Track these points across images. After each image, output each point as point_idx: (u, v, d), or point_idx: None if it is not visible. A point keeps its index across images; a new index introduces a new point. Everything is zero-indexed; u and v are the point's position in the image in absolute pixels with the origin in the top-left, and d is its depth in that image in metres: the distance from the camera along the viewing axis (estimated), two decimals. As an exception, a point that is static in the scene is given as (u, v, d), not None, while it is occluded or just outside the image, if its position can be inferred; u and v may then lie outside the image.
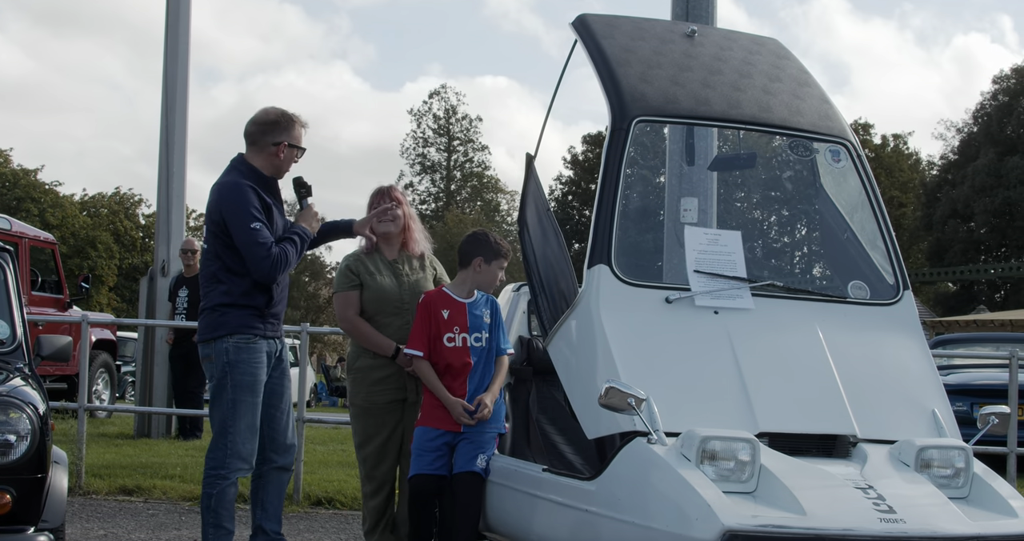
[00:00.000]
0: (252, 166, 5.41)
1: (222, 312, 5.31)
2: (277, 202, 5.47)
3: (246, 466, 5.31)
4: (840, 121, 5.40)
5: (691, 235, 5.02)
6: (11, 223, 13.38)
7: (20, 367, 5.33)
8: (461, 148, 67.34)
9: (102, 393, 14.95)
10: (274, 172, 5.45)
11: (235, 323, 5.29)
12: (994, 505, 4.30)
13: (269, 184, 5.42)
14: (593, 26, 5.34)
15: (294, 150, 5.45)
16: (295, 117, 5.48)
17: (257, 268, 5.22)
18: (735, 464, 4.12)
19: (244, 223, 5.20)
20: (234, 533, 5.39)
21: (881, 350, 4.88)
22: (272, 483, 5.52)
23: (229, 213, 5.25)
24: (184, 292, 12.24)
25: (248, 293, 5.31)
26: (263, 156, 5.41)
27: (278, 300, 5.43)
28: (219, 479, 5.28)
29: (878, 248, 5.21)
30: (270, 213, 5.33)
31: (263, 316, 5.35)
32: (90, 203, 51.21)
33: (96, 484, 8.54)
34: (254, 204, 5.25)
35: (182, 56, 12.83)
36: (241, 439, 5.27)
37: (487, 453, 5.31)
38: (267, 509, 5.51)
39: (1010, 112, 50.25)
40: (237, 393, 5.27)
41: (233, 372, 5.28)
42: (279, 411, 5.51)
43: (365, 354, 5.70)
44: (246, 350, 5.29)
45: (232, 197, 5.27)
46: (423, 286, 5.77)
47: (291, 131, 5.43)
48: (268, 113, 5.47)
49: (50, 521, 4.74)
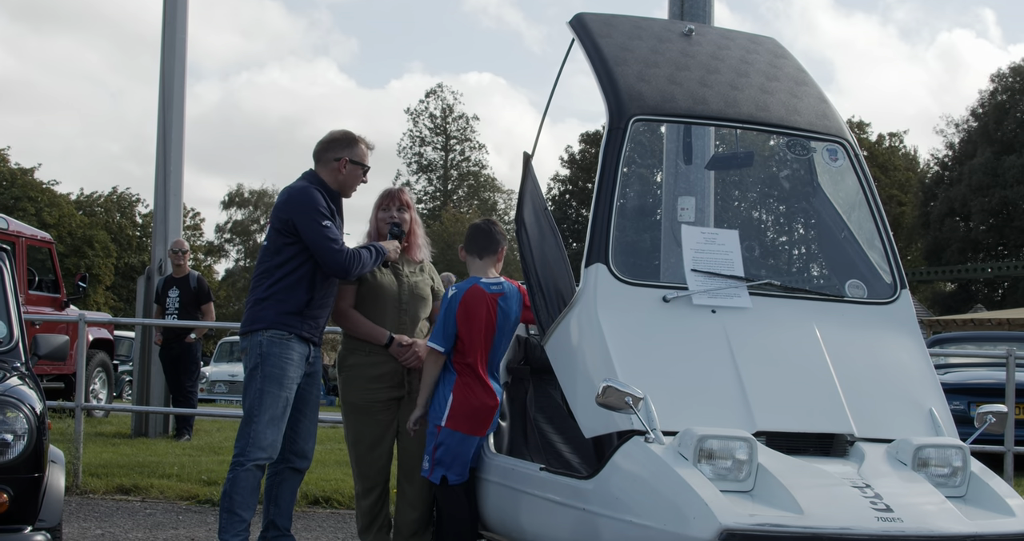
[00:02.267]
0: (322, 181, 5.68)
1: (262, 307, 5.53)
2: (339, 215, 5.71)
3: (264, 455, 5.46)
4: (837, 120, 5.40)
5: (688, 234, 5.02)
6: (8, 222, 13.37)
7: (17, 366, 5.33)
8: (458, 147, 67.37)
9: (99, 392, 14.94)
10: (339, 187, 5.71)
11: (272, 318, 5.50)
12: (991, 504, 4.30)
13: (334, 197, 5.68)
14: (591, 25, 5.34)
15: (357, 167, 5.69)
16: (358, 137, 5.75)
17: (331, 260, 5.43)
18: (732, 463, 4.11)
19: (315, 220, 5.45)
20: (248, 523, 5.46)
21: (878, 349, 4.88)
22: (288, 481, 5.75)
23: (299, 212, 5.49)
24: (175, 292, 12.22)
25: (290, 289, 5.51)
26: (327, 171, 5.70)
27: (319, 303, 5.57)
28: (237, 465, 5.46)
29: (875, 247, 5.21)
30: (333, 220, 5.55)
31: (301, 315, 5.51)
32: (87, 202, 51.21)
33: (93, 483, 8.55)
34: (323, 205, 5.50)
35: (179, 55, 12.81)
36: (263, 430, 5.44)
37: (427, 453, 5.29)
38: (280, 505, 5.73)
39: (1008, 111, 50.29)
40: (265, 384, 5.45)
41: (264, 364, 5.46)
42: (304, 416, 5.73)
43: (358, 351, 5.68)
44: (279, 345, 5.48)
45: (301, 198, 5.53)
46: (422, 288, 5.78)
47: (353, 148, 5.70)
48: (333, 132, 5.79)
49: (47, 520, 4.75)
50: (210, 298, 12.44)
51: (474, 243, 5.53)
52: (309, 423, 5.75)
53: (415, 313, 5.73)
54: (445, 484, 5.23)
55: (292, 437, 5.68)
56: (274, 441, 5.47)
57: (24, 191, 45.31)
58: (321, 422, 13.46)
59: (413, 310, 5.72)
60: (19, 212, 41.43)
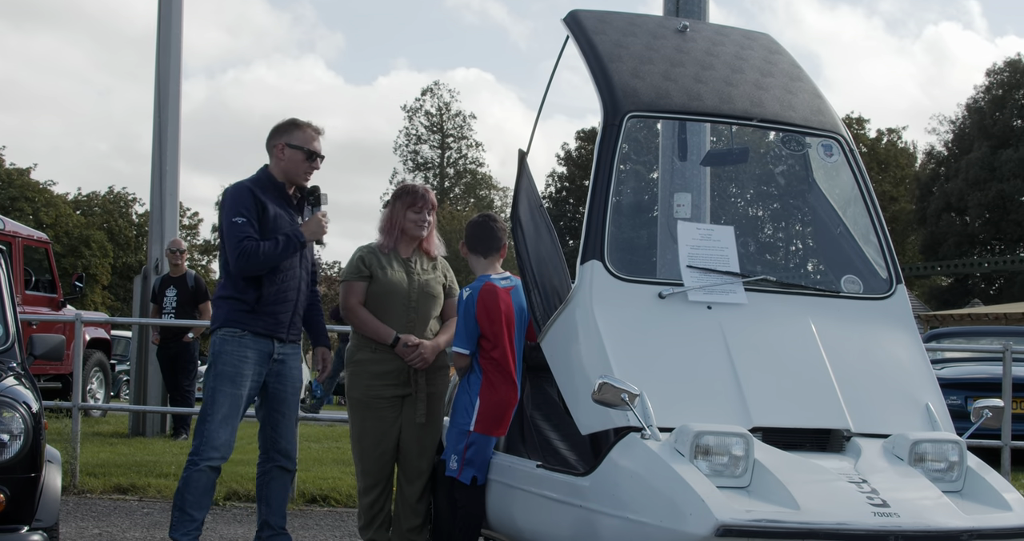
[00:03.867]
0: (269, 174, 5.66)
1: (218, 305, 5.58)
2: (292, 209, 5.63)
3: (218, 455, 5.47)
4: (832, 115, 5.40)
5: (684, 230, 5.02)
6: (5, 222, 13.35)
7: (13, 366, 5.32)
8: (454, 145, 67.33)
9: (96, 392, 14.93)
10: (284, 176, 5.64)
11: (224, 316, 5.53)
12: (988, 499, 4.30)
13: (282, 191, 5.62)
14: (585, 22, 5.33)
15: (296, 151, 5.58)
16: (301, 122, 5.67)
17: (230, 258, 5.43)
18: (729, 459, 4.12)
19: (228, 218, 5.44)
20: (199, 522, 5.49)
21: (874, 344, 4.88)
22: (276, 480, 5.73)
23: (222, 210, 5.51)
24: (172, 292, 12.21)
25: (240, 287, 5.50)
26: (273, 161, 5.65)
27: (271, 299, 5.51)
28: (191, 464, 5.50)
29: (871, 242, 5.21)
30: (265, 213, 5.46)
31: (254, 311, 5.48)
32: (84, 202, 51.19)
33: (90, 483, 8.54)
34: (244, 203, 5.44)
35: (174, 55, 12.79)
36: (216, 428, 5.45)
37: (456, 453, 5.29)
38: (271, 504, 5.72)
39: (1003, 105, 50.30)
40: (218, 382, 5.47)
41: (217, 362, 5.48)
42: (280, 414, 5.70)
43: (365, 347, 5.66)
44: (231, 342, 5.48)
45: (226, 196, 5.54)
46: (433, 287, 5.75)
47: (291, 133, 5.62)
48: (277, 122, 5.71)
49: (44, 520, 4.75)
50: (207, 297, 12.41)
51: (478, 241, 5.54)
52: (287, 421, 5.73)
53: (425, 311, 5.71)
54: (474, 484, 5.25)
55: (272, 436, 5.69)
56: (227, 441, 5.47)
57: (21, 191, 45.28)
58: (318, 420, 13.53)
59: (423, 308, 5.69)
60: (16, 212, 41.42)
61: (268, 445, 5.69)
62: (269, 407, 5.67)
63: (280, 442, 5.69)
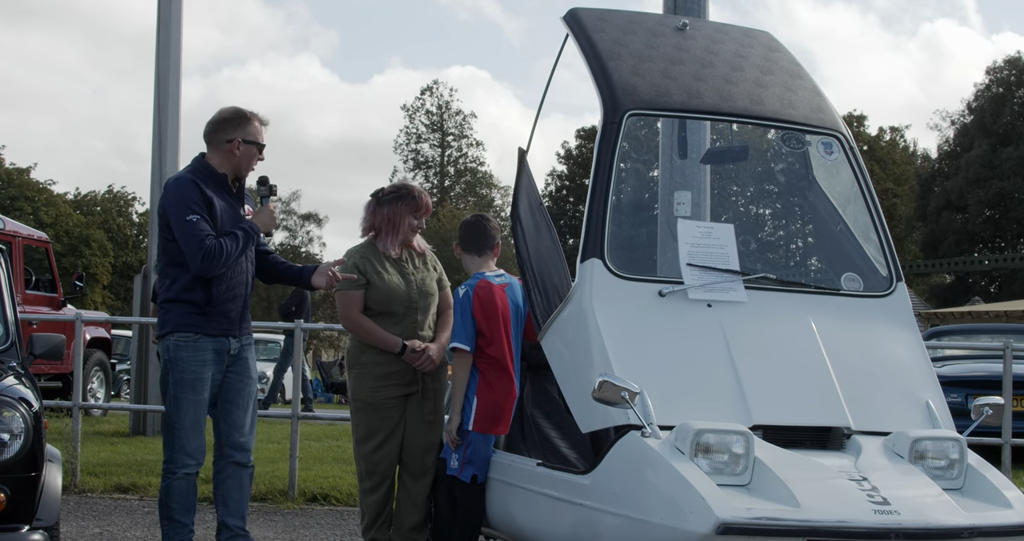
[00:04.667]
0: (208, 165, 5.41)
1: (166, 309, 5.37)
2: (233, 200, 5.44)
3: (193, 462, 5.36)
4: (832, 113, 5.40)
5: (684, 228, 5.02)
6: (5, 222, 13.35)
7: (14, 365, 5.33)
8: (455, 144, 67.31)
9: (97, 391, 14.93)
10: (233, 170, 5.44)
11: (175, 321, 5.33)
12: (988, 496, 4.30)
13: (221, 181, 5.41)
14: (584, 20, 5.33)
15: (251, 147, 5.41)
16: (251, 114, 5.46)
17: (191, 260, 5.21)
18: (729, 457, 4.12)
19: (180, 216, 5.21)
20: (190, 527, 5.41)
21: (875, 342, 4.88)
22: (232, 478, 5.51)
23: (169, 207, 5.28)
24: None
25: (188, 289, 5.31)
26: (219, 154, 5.41)
27: (222, 298, 5.36)
28: (168, 473, 5.35)
29: (871, 240, 5.21)
30: (212, 208, 5.30)
31: (205, 314, 5.32)
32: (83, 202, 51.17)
33: (91, 482, 8.55)
34: (193, 198, 5.24)
35: (174, 55, 12.76)
36: (186, 436, 5.32)
37: (457, 452, 5.29)
38: (228, 504, 5.51)
39: (1004, 103, 50.31)
40: (178, 390, 5.32)
41: (173, 369, 5.32)
42: (238, 408, 5.51)
43: (369, 350, 5.62)
44: (186, 348, 5.31)
45: (172, 191, 5.30)
46: (429, 284, 5.71)
47: (245, 127, 5.40)
48: (222, 112, 5.47)
49: (44, 519, 4.75)
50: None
51: (472, 241, 5.54)
52: (242, 413, 5.50)
53: (425, 311, 5.70)
54: (475, 482, 5.25)
55: (226, 430, 5.49)
56: (199, 446, 5.35)
57: (21, 191, 45.27)
58: (318, 419, 13.53)
59: (424, 308, 5.68)
60: (16, 212, 41.39)
61: (222, 440, 5.49)
62: (223, 400, 5.46)
63: (233, 435, 5.48)
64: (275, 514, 7.86)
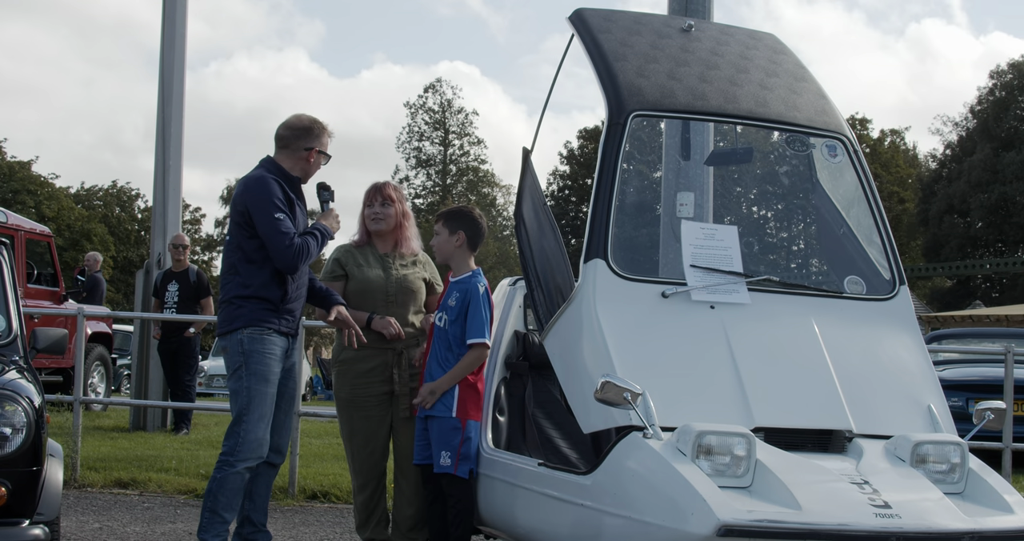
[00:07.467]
0: (280, 166, 5.59)
1: (238, 305, 5.46)
2: (300, 202, 5.66)
3: (254, 456, 5.40)
4: (837, 116, 5.40)
5: (687, 230, 5.02)
6: (7, 216, 13.36)
7: (16, 360, 5.33)
8: (457, 142, 67.27)
9: (98, 386, 14.94)
10: (302, 175, 5.65)
11: (249, 316, 5.43)
12: (989, 500, 4.30)
13: (294, 184, 5.60)
14: (590, 21, 5.33)
15: (323, 157, 5.65)
16: (326, 126, 5.69)
17: (280, 256, 5.36)
18: (731, 459, 4.12)
19: (268, 213, 5.36)
20: (229, 524, 5.42)
21: (877, 345, 4.88)
22: (263, 476, 5.64)
23: (253, 204, 5.40)
24: (174, 286, 12.21)
25: (264, 285, 5.44)
26: (293, 159, 5.60)
27: (293, 296, 5.53)
28: (226, 465, 5.38)
29: (874, 243, 5.21)
30: (292, 209, 5.50)
31: (278, 311, 5.46)
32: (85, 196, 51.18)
33: (91, 477, 8.55)
34: (278, 196, 5.42)
35: (179, 51, 12.78)
36: (254, 428, 5.39)
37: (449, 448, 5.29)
38: (255, 500, 5.64)
39: (1007, 107, 50.26)
40: (253, 382, 5.40)
41: (248, 362, 5.41)
42: (280, 411, 5.63)
43: (349, 347, 5.67)
44: (259, 341, 5.42)
45: (257, 189, 5.44)
46: (412, 281, 5.78)
47: (322, 138, 5.65)
48: (301, 119, 5.66)
49: (45, 514, 4.75)
50: (209, 293, 12.43)
51: (475, 239, 5.60)
52: (284, 417, 5.67)
53: (403, 305, 5.75)
54: (470, 477, 5.28)
55: None
56: (264, 439, 5.42)
57: (23, 184, 45.29)
58: (318, 417, 13.50)
59: (401, 302, 5.73)
60: (18, 205, 41.41)
61: None
62: None
63: (274, 437, 5.60)
64: (275, 511, 7.85)
